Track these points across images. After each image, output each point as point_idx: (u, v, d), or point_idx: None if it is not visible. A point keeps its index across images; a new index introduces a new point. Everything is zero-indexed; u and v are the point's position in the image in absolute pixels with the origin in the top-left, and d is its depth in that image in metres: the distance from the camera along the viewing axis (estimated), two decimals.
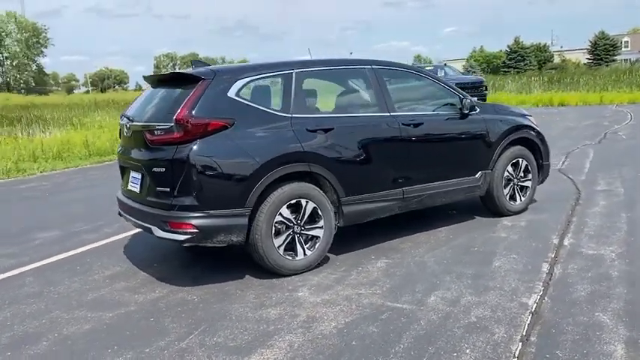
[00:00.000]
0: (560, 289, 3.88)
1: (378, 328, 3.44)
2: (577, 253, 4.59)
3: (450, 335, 3.29)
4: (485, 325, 3.40)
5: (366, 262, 4.64)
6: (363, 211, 4.71)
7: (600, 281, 3.98)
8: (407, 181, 4.94)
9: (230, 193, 4.04)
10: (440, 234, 5.33)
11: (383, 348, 3.17)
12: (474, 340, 3.20)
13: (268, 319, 3.64)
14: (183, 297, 4.08)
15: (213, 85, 4.14)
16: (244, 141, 4.10)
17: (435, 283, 4.12)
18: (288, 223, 4.31)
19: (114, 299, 4.11)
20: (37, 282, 4.55)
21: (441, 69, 22.26)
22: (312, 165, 4.33)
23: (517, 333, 3.27)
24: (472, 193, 5.50)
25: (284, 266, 4.30)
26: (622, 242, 4.80)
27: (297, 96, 4.45)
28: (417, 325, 3.45)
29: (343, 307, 3.77)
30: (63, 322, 3.75)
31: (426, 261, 4.60)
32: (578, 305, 3.60)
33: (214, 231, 4.04)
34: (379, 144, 4.75)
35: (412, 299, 3.84)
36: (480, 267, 4.39)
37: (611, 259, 4.40)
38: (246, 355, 3.17)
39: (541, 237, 5.07)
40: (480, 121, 5.43)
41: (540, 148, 5.96)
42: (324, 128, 4.47)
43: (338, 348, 3.21)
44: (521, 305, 3.65)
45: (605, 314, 3.44)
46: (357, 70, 5.04)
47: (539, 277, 4.11)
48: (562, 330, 3.28)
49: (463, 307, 3.68)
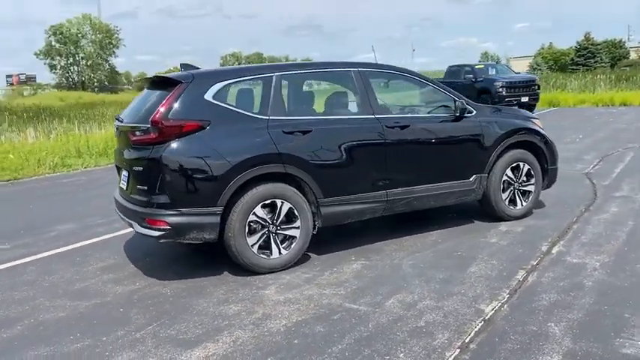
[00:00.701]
0: (525, 298, 3.80)
1: (325, 328, 3.50)
2: (560, 262, 4.46)
3: (391, 339, 3.31)
4: (430, 330, 3.40)
5: (343, 262, 4.70)
6: (342, 213, 4.76)
7: (570, 291, 3.87)
8: (391, 183, 4.94)
9: (202, 193, 4.21)
10: (430, 237, 5.30)
11: (321, 348, 3.24)
12: (412, 345, 3.22)
13: (226, 314, 3.78)
14: (159, 290, 4.29)
15: (190, 88, 4.31)
16: (217, 142, 4.25)
17: (402, 286, 4.13)
18: (263, 222, 4.43)
19: (96, 290, 4.37)
20: (37, 271, 4.89)
21: (492, 67, 21.69)
22: (287, 166, 4.43)
23: (459, 340, 3.25)
24: (466, 196, 5.42)
25: (258, 264, 4.43)
26: (613, 252, 4.62)
27: (276, 99, 4.56)
28: (363, 327, 3.49)
29: (301, 306, 3.86)
30: (43, 309, 4.04)
31: (403, 264, 4.60)
32: (535, 314, 3.52)
33: (186, 228, 4.22)
34: (359, 146, 4.79)
35: (371, 301, 3.88)
36: (454, 272, 4.36)
37: (593, 269, 4.25)
38: (189, 348, 3.32)
39: (531, 244, 4.95)
40: (475, 123, 5.35)
41: (545, 151, 5.78)
42: (302, 130, 4.55)
43: (278, 345, 3.30)
44: (477, 312, 3.61)
45: (557, 325, 3.36)
46: (341, 73, 5.09)
47: (508, 285, 4.04)
48: (505, 339, 3.23)
49: (417, 311, 3.68)
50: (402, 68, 5.51)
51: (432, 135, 5.16)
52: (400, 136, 4.94)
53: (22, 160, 11.19)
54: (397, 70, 5.40)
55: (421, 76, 5.48)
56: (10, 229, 6.40)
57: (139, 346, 3.38)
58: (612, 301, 3.65)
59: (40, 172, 10.73)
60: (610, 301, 3.65)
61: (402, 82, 5.45)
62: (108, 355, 3.28)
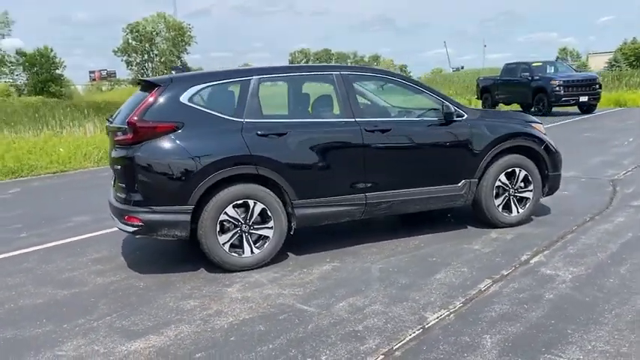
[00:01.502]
0: (476, 308, 3.75)
1: (266, 327, 3.61)
2: (532, 272, 4.34)
3: (322, 341, 3.37)
4: (364, 335, 3.43)
5: (316, 264, 4.77)
6: (317, 215, 4.83)
7: (525, 303, 3.78)
8: (371, 187, 4.96)
9: (172, 192, 4.41)
10: (413, 241, 5.27)
11: (252, 346, 3.36)
12: (339, 349, 3.27)
13: (182, 309, 3.96)
14: (133, 283, 4.53)
15: (167, 91, 4.52)
16: (189, 143, 4.43)
17: (360, 289, 4.17)
18: (235, 222, 4.58)
19: (79, 279, 4.68)
20: (38, 260, 5.28)
21: (551, 65, 20.82)
22: (259, 168, 4.56)
23: (387, 346, 3.28)
24: (454, 202, 5.35)
25: (229, 262, 4.59)
26: (593, 265, 4.44)
27: (253, 102, 4.69)
28: (302, 328, 3.57)
29: (255, 305, 3.98)
30: (26, 295, 4.38)
31: (373, 268, 4.62)
32: (476, 325, 3.48)
33: (158, 225, 4.44)
34: (336, 149, 4.84)
35: (323, 303, 3.94)
36: (419, 278, 4.34)
37: (562, 282, 4.12)
38: (133, 339, 3.53)
39: (513, 252, 4.83)
40: (463, 128, 5.26)
41: (545, 157, 5.59)
42: (278, 133, 4.66)
43: (214, 341, 3.45)
44: (420, 319, 3.61)
45: (492, 337, 3.31)
46: (322, 76, 5.15)
47: (466, 294, 3.99)
48: (433, 348, 3.22)
49: (362, 315, 3.72)
50: (389, 71, 5.51)
51: (415, 139, 5.13)
52: (380, 139, 4.95)
53: (70, 154, 11.91)
54: (383, 73, 5.41)
55: (409, 79, 5.46)
56: (34, 219, 6.90)
57: (90, 334, 3.62)
58: (562, 316, 3.54)
59: (85, 165, 11.41)
60: (560, 316, 3.54)
61: (389, 85, 5.42)
62: (59, 341, 3.53)
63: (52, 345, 3.49)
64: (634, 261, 4.45)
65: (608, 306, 3.65)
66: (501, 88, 21.38)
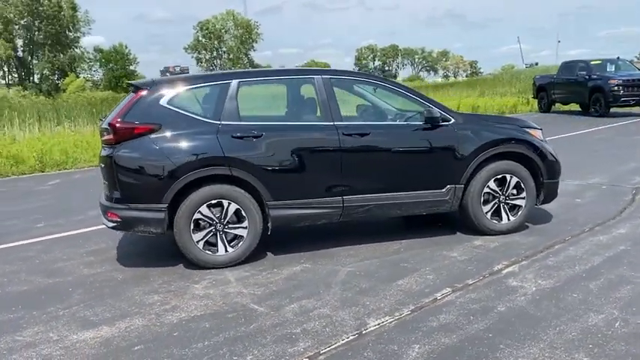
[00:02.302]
0: (421, 316, 3.73)
1: (211, 324, 3.75)
2: (497, 283, 4.25)
3: (256, 341, 3.47)
4: (299, 337, 3.50)
5: (289, 264, 4.87)
6: (292, 216, 4.92)
7: (473, 314, 3.72)
8: (348, 190, 4.99)
9: (147, 190, 4.63)
10: (394, 246, 5.26)
11: (189, 342, 3.50)
12: (268, 349, 3.36)
13: (143, 303, 4.17)
14: (113, 275, 4.80)
15: (148, 94, 4.75)
16: (165, 144, 4.63)
17: (317, 292, 4.23)
18: (210, 221, 4.74)
19: (68, 270, 4.99)
20: (40, 249, 5.66)
21: (612, 63, 19.72)
22: (233, 169, 4.70)
23: (315, 350, 3.33)
24: (438, 207, 5.29)
25: (203, 260, 4.76)
26: (566, 278, 4.29)
27: (231, 105, 4.83)
28: (244, 327, 3.68)
29: (211, 302, 4.13)
30: (16, 282, 4.74)
31: (341, 271, 4.66)
32: (412, 334, 3.47)
33: (134, 222, 4.68)
34: (312, 152, 4.90)
35: (276, 304, 4.04)
36: (381, 283, 4.35)
37: (523, 294, 4.02)
38: (87, 328, 3.75)
39: (488, 262, 4.74)
40: (449, 132, 5.19)
41: (539, 164, 5.42)
42: (253, 135, 4.78)
43: (157, 335, 3.62)
44: (360, 325, 3.64)
45: (422, 347, 3.30)
46: (303, 79, 5.22)
47: (419, 301, 3.97)
48: (357, 354, 3.26)
49: (307, 317, 3.78)
50: (373, 76, 5.51)
51: (395, 143, 5.11)
52: (358, 143, 4.96)
53: None
54: (368, 77, 5.41)
55: (395, 83, 5.43)
56: (55, 211, 7.38)
57: (52, 322, 3.88)
58: (503, 330, 3.46)
59: None
60: (501, 329, 3.47)
61: (374, 89, 5.41)
62: (22, 327, 3.81)
63: (15, 330, 3.76)
64: (610, 276, 4.26)
65: (556, 322, 3.53)
66: (558, 87, 20.55)
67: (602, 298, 3.87)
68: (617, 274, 4.31)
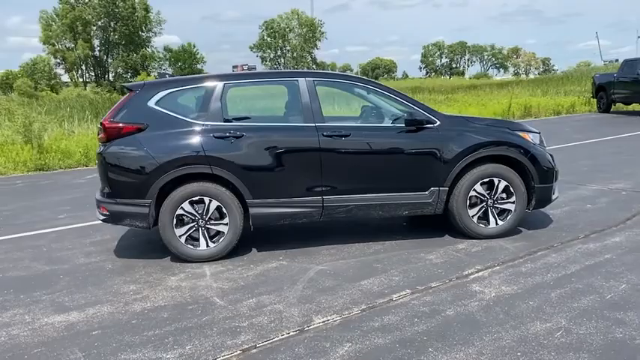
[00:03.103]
0: (368, 316, 3.79)
1: (169, 314, 3.97)
2: (459, 287, 4.25)
3: (202, 332, 3.65)
4: (243, 330, 3.66)
5: (266, 261, 5.03)
6: (272, 215, 5.07)
7: (418, 317, 3.76)
8: (328, 190, 5.09)
9: (132, 186, 4.91)
10: (376, 246, 5.32)
11: (142, 330, 3.73)
12: (208, 341, 3.53)
13: (118, 292, 4.46)
14: (103, 265, 5.13)
15: (137, 95, 5.04)
16: (150, 143, 4.90)
17: (282, 288, 4.37)
18: (192, 217, 4.98)
19: (67, 258, 5.38)
20: (53, 238, 6.10)
21: None
22: (214, 168, 4.91)
23: (252, 343, 3.48)
24: (421, 209, 5.29)
25: (185, 253, 5.01)
26: (531, 286, 4.22)
27: (215, 106, 5.04)
28: (197, 319, 3.87)
29: (179, 294, 4.35)
30: (19, 268, 5.15)
31: (314, 269, 4.77)
32: (349, 333, 3.55)
33: (121, 216, 4.98)
34: (292, 153, 5.03)
35: (236, 299, 4.21)
36: (346, 282, 4.43)
37: (480, 299, 4.00)
38: (59, 313, 4.07)
39: (461, 266, 4.72)
40: (433, 135, 5.18)
41: (530, 168, 5.31)
42: (234, 135, 4.97)
43: (118, 322, 3.87)
44: (305, 322, 3.74)
45: (353, 346, 3.38)
46: (288, 82, 5.34)
47: (373, 302, 4.03)
48: (288, 349, 3.37)
49: (259, 312, 3.93)
50: (360, 78, 5.55)
51: (377, 145, 5.15)
52: (338, 145, 5.05)
53: None
54: (353, 79, 5.46)
55: (380, 85, 5.44)
56: (82, 203, 7.87)
57: (32, 305, 4.23)
58: (441, 334, 3.48)
59: None
60: (439, 333, 3.48)
61: (359, 91, 5.46)
62: (4, 309, 4.17)
63: None
64: (578, 285, 4.15)
65: (497, 329, 3.51)
66: (619, 86, 19.53)
67: (558, 307, 3.79)
68: (586, 283, 4.19)
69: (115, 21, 69.36)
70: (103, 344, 3.55)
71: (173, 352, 3.40)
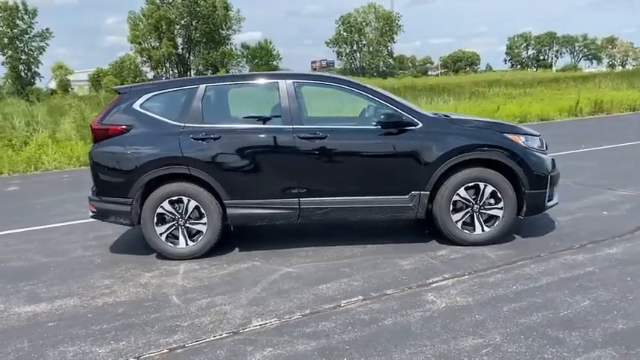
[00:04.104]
0: (306, 322, 3.78)
1: (124, 310, 4.15)
2: (414, 296, 4.13)
3: (142, 330, 3.79)
4: (180, 330, 3.76)
5: (241, 261, 5.12)
6: (249, 215, 5.15)
7: (354, 324, 3.71)
8: (305, 192, 5.09)
9: (116, 185, 5.15)
10: (354, 250, 5.26)
11: (92, 324, 3.93)
12: (145, 338, 3.66)
13: (92, 286, 4.70)
14: (93, 259, 5.42)
15: (124, 98, 5.27)
16: (132, 144, 5.11)
17: (239, 289, 4.44)
18: (172, 215, 5.16)
19: (66, 251, 5.72)
20: (63, 232, 6.50)
21: None
22: (191, 169, 5.05)
23: (182, 342, 3.58)
24: (402, 213, 5.17)
25: (164, 251, 5.20)
26: (487, 298, 4.04)
27: (196, 108, 5.18)
28: (146, 316, 4.02)
29: (143, 290, 4.53)
30: (23, 259, 5.55)
31: (282, 271, 4.80)
32: (276, 337, 3.56)
33: (106, 213, 5.25)
34: (268, 155, 5.07)
35: (192, 298, 4.32)
36: (305, 286, 4.43)
37: (426, 310, 3.88)
38: (31, 303, 4.35)
39: (431, 273, 4.58)
40: (413, 137, 5.05)
41: (519, 173, 5.06)
42: (213, 137, 5.09)
43: (74, 315, 4.09)
44: (242, 324, 3.80)
45: (274, 351, 3.39)
46: (268, 84, 5.37)
47: (320, 307, 4.01)
48: (212, 351, 3.44)
49: (205, 312, 4.02)
50: (343, 79, 5.48)
51: (354, 147, 5.09)
52: (314, 147, 5.03)
53: None
54: (335, 81, 5.40)
55: (362, 86, 5.34)
56: None
57: (12, 295, 4.56)
58: (366, 344, 3.41)
59: None
60: (365, 343, 3.42)
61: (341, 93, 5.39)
62: None
63: None
64: (537, 300, 3.93)
65: (424, 342, 3.40)
66: None
67: (502, 322, 3.61)
68: (548, 297, 3.95)
69: (196, 20, 72.01)
70: (51, 335, 3.77)
71: (106, 347, 3.55)
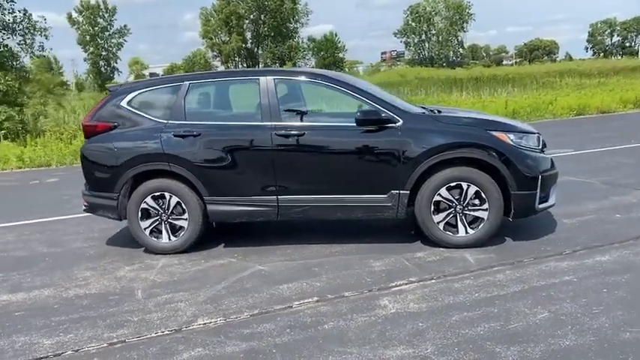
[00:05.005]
0: (248, 323, 3.76)
1: (89, 302, 4.29)
2: (368, 300, 4.01)
3: (95, 323, 3.90)
4: (127, 325, 3.84)
5: (220, 258, 5.15)
6: (228, 212, 5.18)
7: (290, 328, 3.64)
8: (283, 190, 5.06)
9: (103, 180, 5.31)
10: (334, 249, 5.18)
11: (54, 315, 4.08)
12: (92, 331, 3.77)
13: (73, 277, 4.88)
14: (86, 251, 5.64)
15: (113, 96, 5.43)
16: (118, 141, 5.26)
17: (203, 287, 4.47)
18: (156, 211, 5.27)
19: (67, 242, 5.99)
20: (73, 223, 6.79)
21: None
22: (172, 165, 5.14)
23: (123, 338, 3.65)
24: (382, 213, 5.03)
25: (149, 245, 5.32)
26: (441, 306, 3.85)
27: (178, 105, 5.25)
28: (105, 309, 4.13)
29: (115, 284, 4.65)
30: (25, 248, 5.87)
31: (251, 269, 4.79)
32: (209, 338, 3.56)
33: (96, 207, 5.43)
34: (246, 152, 5.06)
35: (155, 293, 4.39)
36: (265, 285, 4.41)
37: (372, 315, 3.76)
38: (12, 292, 4.58)
39: (395, 276, 4.43)
40: (393, 135, 4.88)
41: (505, 173, 4.79)
42: (193, 134, 5.15)
43: (44, 305, 4.27)
44: (188, 322, 3.83)
45: (204, 352, 3.40)
46: (249, 80, 5.35)
47: (270, 308, 3.98)
48: (142, 349, 3.49)
49: (160, 308, 4.08)
50: (323, 75, 5.36)
51: (332, 145, 4.99)
52: (291, 144, 4.98)
53: None
54: (318, 77, 5.30)
55: (345, 83, 5.19)
56: None
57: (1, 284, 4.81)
58: (291, 348, 3.35)
59: None
60: (290, 348, 3.35)
61: (322, 89, 5.28)
62: None
63: None
64: (492, 310, 3.70)
65: (353, 350, 3.29)
66: None
67: (443, 332, 3.43)
68: (506, 307, 3.72)
69: (264, 14, 73.00)
70: (12, 325, 3.96)
71: (53, 339, 3.68)
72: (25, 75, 17.10)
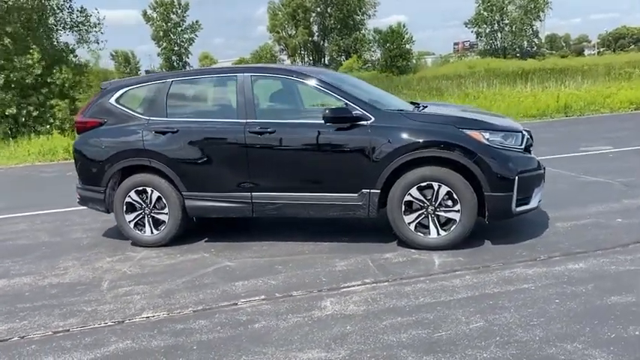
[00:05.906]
0: (188, 318, 3.83)
1: (56, 291, 4.50)
2: (312, 300, 3.98)
3: (52, 312, 4.10)
4: (80, 314, 4.01)
5: (195, 253, 5.24)
6: (204, 207, 5.27)
7: (221, 326, 3.68)
8: (256, 187, 5.10)
9: (91, 174, 5.55)
10: (305, 247, 5.16)
11: (19, 302, 4.33)
12: (48, 319, 3.97)
13: (56, 267, 5.14)
14: (80, 241, 5.92)
15: (103, 93, 5.65)
16: (104, 137, 5.47)
17: (164, 280, 4.58)
18: (139, 205, 5.46)
19: (69, 233, 6.30)
20: (83, 214, 7.05)
21: None
22: (152, 161, 5.29)
23: (68, 328, 3.83)
24: (353, 212, 4.95)
25: (133, 237, 5.52)
26: (382, 311, 3.76)
27: (160, 102, 5.40)
28: (68, 299, 4.32)
29: (88, 274, 4.86)
30: (30, 237, 6.24)
31: (218, 265, 4.86)
32: (143, 332, 3.66)
33: (87, 199, 5.69)
34: (220, 148, 5.13)
35: (120, 285, 4.55)
36: (222, 281, 4.45)
37: (305, 317, 3.72)
38: None
39: (351, 277, 4.36)
40: (362, 132, 4.79)
41: (477, 173, 4.60)
42: (172, 131, 5.29)
43: (18, 292, 4.53)
44: (131, 315, 3.95)
45: (131, 345, 3.52)
46: (228, 78, 5.38)
47: (216, 304, 4.03)
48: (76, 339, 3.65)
49: (116, 300, 4.23)
50: (300, 72, 5.31)
51: (303, 142, 4.96)
52: (263, 141, 5.00)
53: None
54: (292, 74, 5.27)
55: (320, 80, 5.12)
56: None
57: None
58: (209, 346, 3.39)
59: None
60: (206, 347, 3.39)
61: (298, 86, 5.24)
62: None
63: None
64: (428, 316, 3.57)
65: (266, 350, 3.28)
66: None
67: (366, 337, 3.35)
68: (443, 315, 3.57)
69: (331, 6, 73.07)
70: None
71: (7, 325, 3.91)
72: (83, 69, 18.00)
